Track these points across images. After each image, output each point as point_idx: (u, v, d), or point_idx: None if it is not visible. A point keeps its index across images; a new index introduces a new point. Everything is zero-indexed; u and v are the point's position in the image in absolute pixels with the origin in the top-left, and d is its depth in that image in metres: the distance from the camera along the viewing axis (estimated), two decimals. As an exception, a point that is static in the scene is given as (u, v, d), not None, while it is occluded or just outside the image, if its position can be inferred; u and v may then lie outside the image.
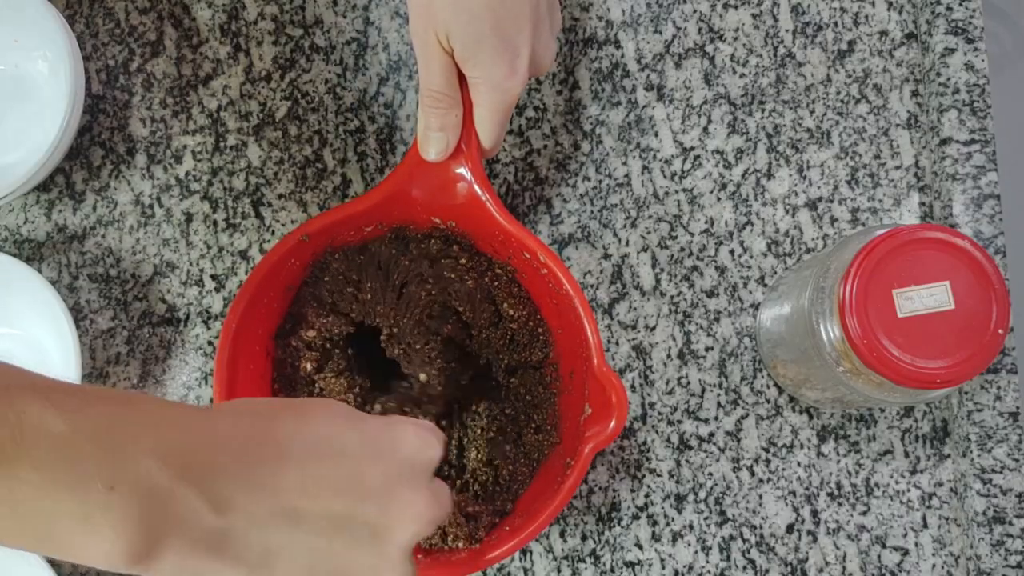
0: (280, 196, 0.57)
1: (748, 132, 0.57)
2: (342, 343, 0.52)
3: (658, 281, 0.56)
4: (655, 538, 0.54)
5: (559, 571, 0.54)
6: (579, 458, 0.46)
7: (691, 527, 0.54)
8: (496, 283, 0.53)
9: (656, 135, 0.57)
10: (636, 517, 0.54)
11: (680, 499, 0.54)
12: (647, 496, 0.54)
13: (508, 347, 0.52)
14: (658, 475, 0.54)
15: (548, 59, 0.48)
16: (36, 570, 0.52)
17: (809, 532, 0.54)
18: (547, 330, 0.53)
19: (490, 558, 0.46)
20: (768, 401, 0.55)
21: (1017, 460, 0.51)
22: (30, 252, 0.57)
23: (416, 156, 0.49)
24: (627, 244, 0.56)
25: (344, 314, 0.52)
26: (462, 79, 0.47)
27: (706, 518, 0.54)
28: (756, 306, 0.56)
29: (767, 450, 0.54)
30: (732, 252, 0.56)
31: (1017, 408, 0.52)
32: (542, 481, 0.50)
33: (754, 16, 0.58)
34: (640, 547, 0.54)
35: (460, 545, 0.49)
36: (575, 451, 0.46)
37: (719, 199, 0.56)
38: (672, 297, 0.56)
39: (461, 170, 0.49)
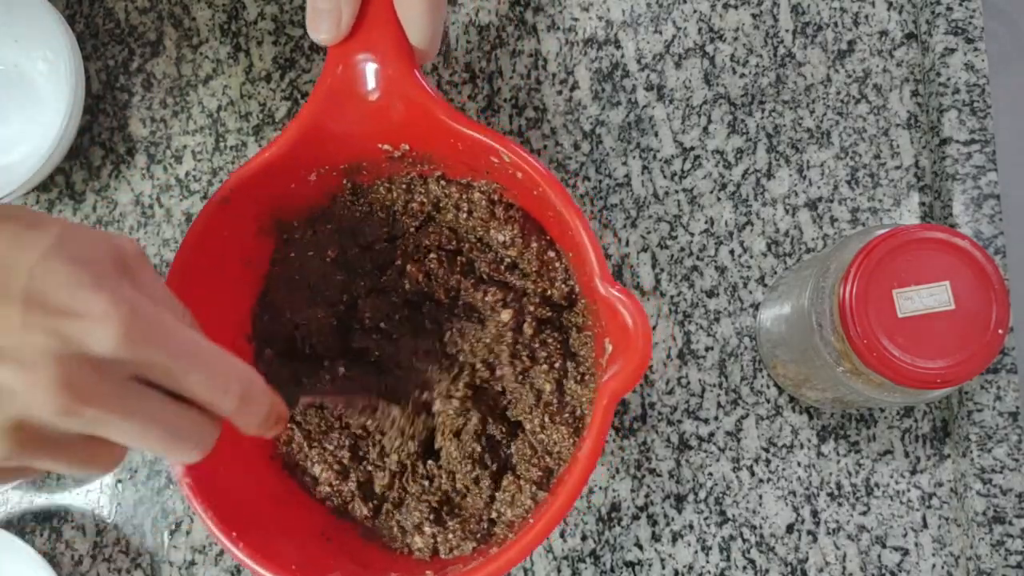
0: (280, 196, 0.57)
1: (748, 132, 0.57)
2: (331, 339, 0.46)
3: (658, 281, 0.56)
4: (655, 538, 0.54)
5: (559, 571, 0.54)
6: (596, 412, 0.37)
7: (691, 527, 0.54)
8: (471, 212, 0.46)
9: (656, 135, 0.57)
10: (636, 517, 0.54)
11: (680, 499, 0.54)
12: (647, 496, 0.54)
13: (519, 277, 0.45)
14: (658, 475, 0.54)
15: None
16: (36, 570, 0.52)
17: (809, 532, 0.54)
18: (562, 253, 0.44)
19: (509, 558, 0.39)
20: (768, 401, 0.55)
21: (1017, 460, 0.51)
22: (30, 252, 0.57)
23: (327, 80, 0.42)
24: (627, 244, 0.56)
25: (328, 303, 0.46)
26: None
27: (706, 518, 0.54)
28: (756, 306, 0.56)
29: (767, 450, 0.54)
30: (732, 252, 0.56)
31: (1017, 408, 0.52)
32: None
33: (754, 16, 0.58)
34: (640, 547, 0.54)
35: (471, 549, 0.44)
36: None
37: (719, 199, 0.56)
38: (672, 297, 0.56)
39: (393, 84, 0.41)
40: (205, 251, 0.43)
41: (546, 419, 0.44)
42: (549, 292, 0.45)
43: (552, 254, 0.45)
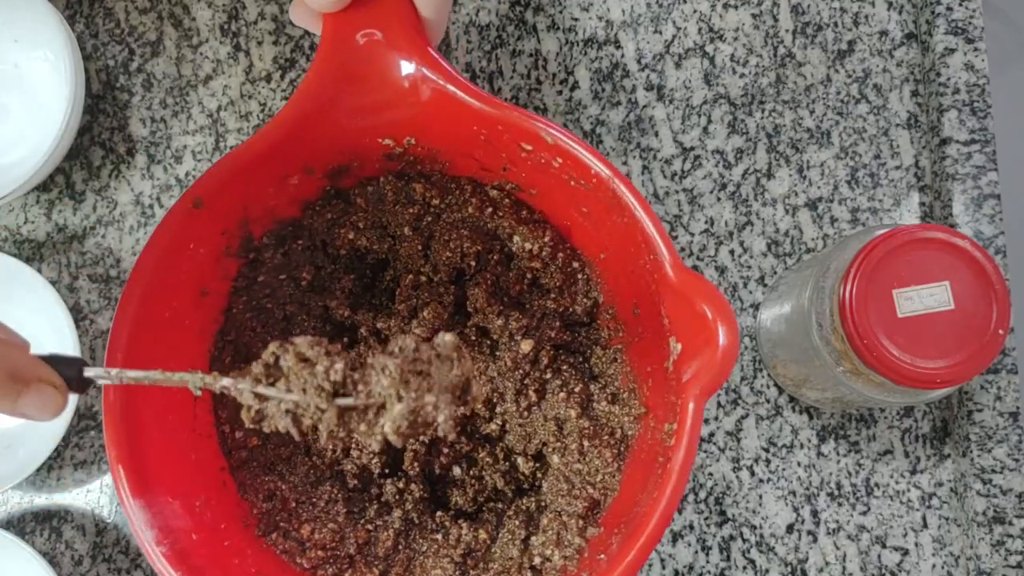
0: (280, 196, 0.57)
1: (748, 132, 0.57)
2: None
3: (658, 281, 0.56)
4: (655, 538, 0.54)
5: (559, 571, 0.54)
6: (683, 415, 0.31)
7: (691, 527, 0.54)
8: (496, 211, 0.38)
9: (656, 135, 0.57)
10: (636, 517, 0.54)
11: (680, 499, 0.54)
12: (647, 496, 0.54)
13: (540, 295, 0.39)
14: (658, 475, 0.54)
15: None
16: (36, 570, 0.52)
17: (809, 532, 0.54)
18: (586, 263, 0.38)
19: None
20: (768, 401, 0.55)
21: (1017, 460, 0.51)
22: (30, 252, 0.57)
23: (325, 58, 0.34)
24: (627, 244, 0.56)
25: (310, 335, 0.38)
26: None
27: (706, 518, 0.54)
28: (756, 306, 0.56)
29: (767, 450, 0.54)
30: (732, 252, 0.56)
31: (1017, 408, 0.52)
32: (633, 480, 0.37)
33: (754, 16, 0.58)
34: (640, 547, 0.54)
35: None
36: (675, 411, 0.32)
37: (719, 199, 0.56)
38: (672, 297, 0.56)
39: (405, 64, 0.34)
40: (165, 272, 0.34)
41: (584, 444, 0.39)
42: (571, 309, 0.39)
43: (576, 264, 0.39)
